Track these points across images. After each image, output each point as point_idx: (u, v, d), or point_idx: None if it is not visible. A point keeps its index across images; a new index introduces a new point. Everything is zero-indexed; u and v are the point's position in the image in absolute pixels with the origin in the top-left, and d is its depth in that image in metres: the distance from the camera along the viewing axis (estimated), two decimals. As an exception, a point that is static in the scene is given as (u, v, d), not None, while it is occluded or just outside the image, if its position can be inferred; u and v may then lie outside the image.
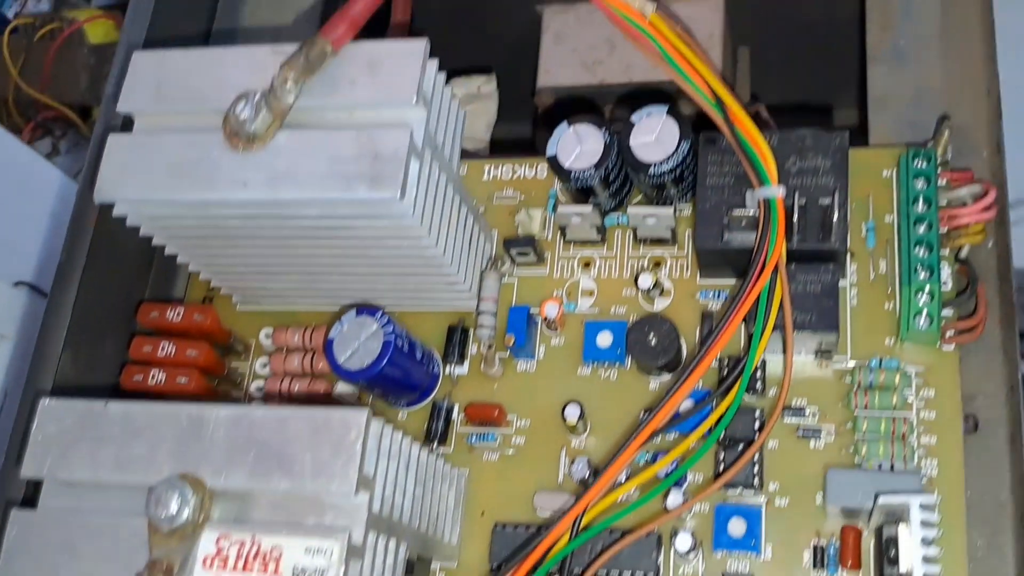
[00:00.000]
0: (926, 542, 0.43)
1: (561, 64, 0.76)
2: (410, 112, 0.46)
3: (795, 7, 0.78)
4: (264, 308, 0.58)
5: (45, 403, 0.44)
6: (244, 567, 0.39)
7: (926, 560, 0.42)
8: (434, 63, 0.48)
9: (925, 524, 0.43)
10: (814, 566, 0.48)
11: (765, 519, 0.49)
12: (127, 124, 0.51)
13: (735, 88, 0.83)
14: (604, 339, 0.53)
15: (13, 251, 0.98)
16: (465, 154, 0.59)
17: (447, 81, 0.50)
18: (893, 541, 0.44)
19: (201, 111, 0.48)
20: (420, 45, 0.47)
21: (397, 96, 0.46)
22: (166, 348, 0.54)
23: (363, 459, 0.40)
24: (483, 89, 0.76)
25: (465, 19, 0.82)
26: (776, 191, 0.48)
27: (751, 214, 0.49)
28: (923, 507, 0.43)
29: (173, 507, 0.40)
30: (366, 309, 0.51)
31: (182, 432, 0.42)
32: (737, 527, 0.48)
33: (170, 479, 0.40)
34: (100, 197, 0.48)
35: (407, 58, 0.46)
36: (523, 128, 0.89)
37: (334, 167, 0.45)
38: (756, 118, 0.69)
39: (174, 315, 0.55)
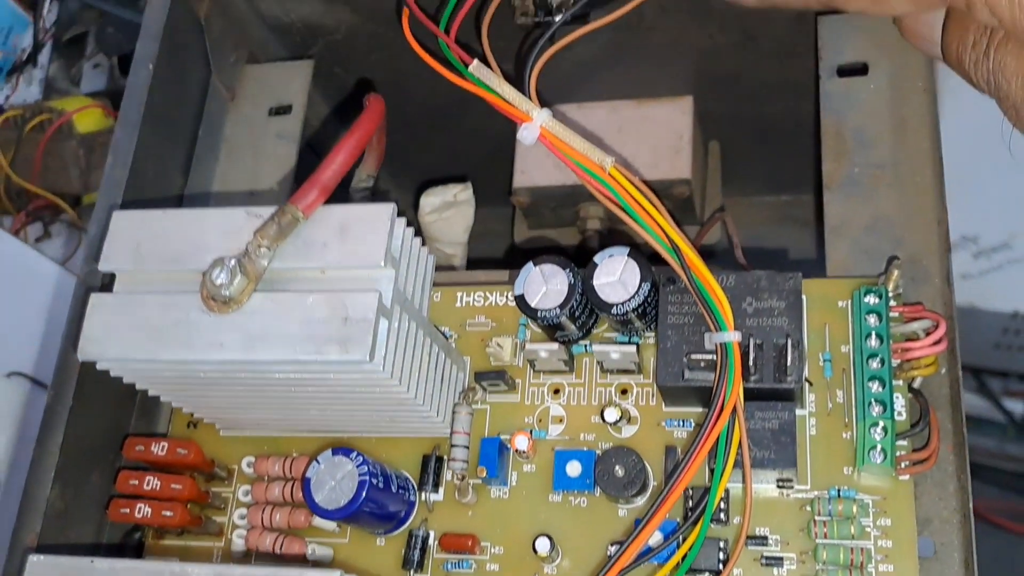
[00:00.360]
0: None
1: (536, 165, 0.78)
2: (379, 273, 0.49)
3: (759, 105, 0.80)
4: (246, 434, 0.60)
5: (33, 559, 0.46)
6: None
7: None
8: (402, 222, 0.51)
9: None
10: None
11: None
12: (106, 286, 0.53)
13: (707, 182, 0.86)
14: (573, 468, 0.55)
15: (6, 342, 1.00)
16: (439, 275, 0.62)
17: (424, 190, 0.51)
18: None
19: (179, 271, 0.50)
20: (388, 209, 0.49)
21: (366, 259, 0.48)
22: (151, 483, 0.56)
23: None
24: (459, 196, 0.78)
25: (441, 123, 0.85)
26: (732, 336, 0.50)
27: (709, 358, 0.51)
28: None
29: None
30: (341, 449, 0.53)
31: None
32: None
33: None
34: (83, 356, 0.50)
35: (375, 222, 0.49)
36: (503, 223, 0.92)
37: (306, 330, 0.47)
38: (723, 222, 0.72)
39: (158, 449, 0.57)
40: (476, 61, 0.53)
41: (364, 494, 0.52)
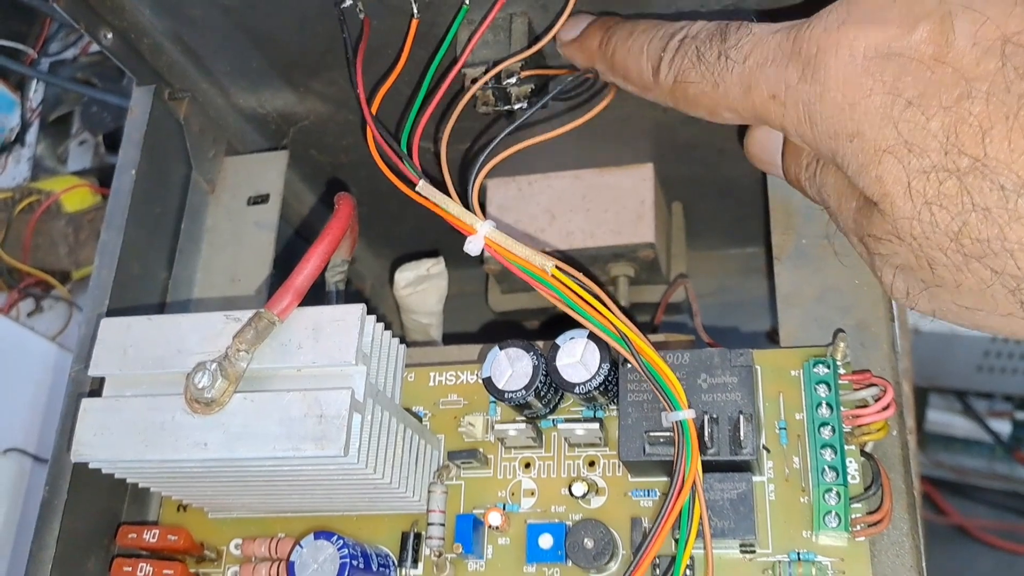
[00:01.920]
0: None
1: (506, 233, 0.81)
2: (351, 370, 0.51)
3: (718, 168, 0.83)
4: (234, 516, 0.63)
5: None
6: None
7: None
8: (371, 320, 0.54)
9: None
10: None
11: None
12: (95, 392, 0.56)
13: (671, 242, 0.90)
14: (545, 541, 0.58)
15: (2, 420, 1.03)
16: (413, 352, 0.65)
17: (399, 266, 0.54)
18: None
19: (164, 374, 0.53)
20: (357, 310, 0.52)
21: (338, 358, 0.51)
22: (144, 569, 0.59)
23: None
24: (432, 270, 0.81)
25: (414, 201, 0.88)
26: (686, 414, 0.53)
27: (668, 434, 0.54)
28: None
29: None
30: (323, 533, 0.56)
31: None
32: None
33: None
34: (76, 458, 0.53)
35: (346, 322, 0.52)
36: (478, 285, 0.95)
37: (284, 428, 0.50)
38: (684, 288, 0.75)
39: (150, 536, 0.60)
40: (422, 182, 0.57)
41: (347, 573, 0.54)
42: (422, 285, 0.81)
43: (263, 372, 0.52)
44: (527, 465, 0.61)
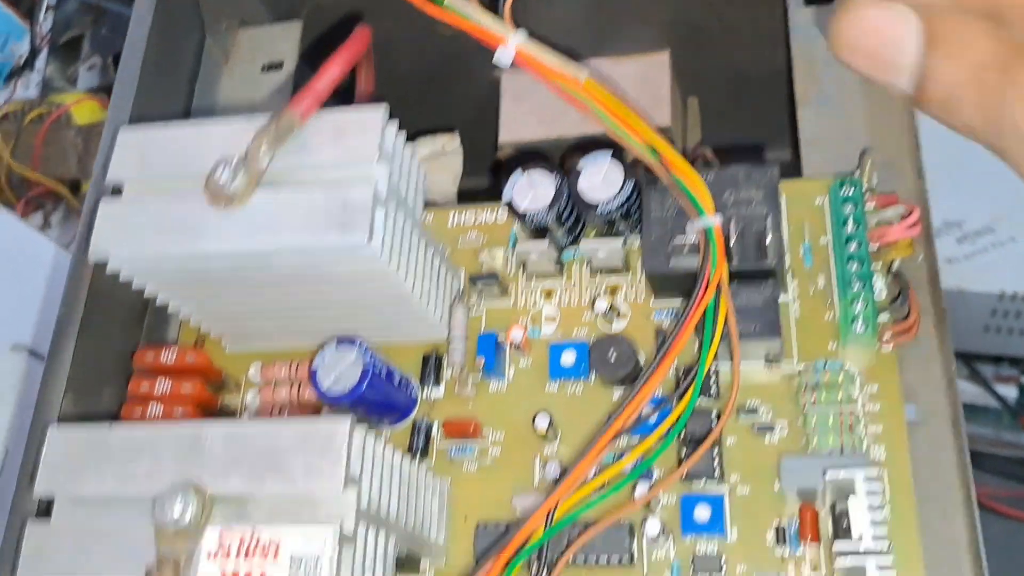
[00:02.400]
0: (872, 508, 0.47)
1: (520, 122, 0.81)
2: (373, 169, 0.51)
3: (730, 59, 0.83)
4: (251, 349, 0.62)
5: (53, 430, 0.48)
6: (246, 557, 0.43)
7: (874, 523, 0.46)
8: (394, 124, 0.53)
9: (871, 493, 0.47)
10: (777, 543, 0.52)
11: (729, 505, 0.53)
12: (116, 192, 0.55)
13: (687, 134, 0.89)
14: (568, 358, 0.58)
15: (9, 317, 1.02)
16: (432, 205, 0.65)
17: (414, 141, 0.54)
18: (844, 514, 0.48)
19: (184, 177, 0.52)
20: (380, 110, 0.52)
21: (361, 155, 0.51)
22: (162, 385, 0.58)
23: (349, 459, 0.44)
24: (447, 147, 0.81)
25: (430, 84, 0.88)
26: (713, 220, 0.53)
27: (692, 241, 0.54)
28: (867, 479, 0.47)
29: (176, 511, 0.44)
30: (346, 339, 0.55)
31: (181, 448, 0.46)
32: (703, 513, 0.53)
33: (173, 487, 0.44)
34: (94, 256, 0.53)
35: (368, 122, 0.52)
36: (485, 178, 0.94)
37: (307, 219, 0.50)
38: (703, 158, 0.75)
39: (168, 357, 0.59)
40: (448, -4, 0.56)
41: (368, 378, 0.54)
42: (437, 161, 0.80)
43: (285, 173, 0.52)
44: (548, 294, 0.61)
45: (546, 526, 0.50)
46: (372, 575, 0.46)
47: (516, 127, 0.81)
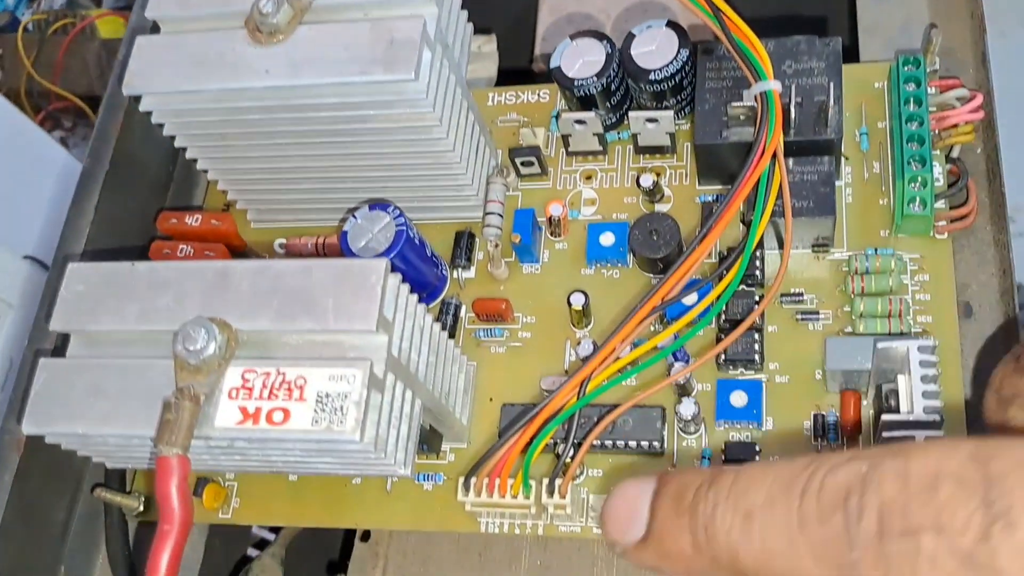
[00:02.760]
0: (926, 380, 0.44)
1: (557, 33, 0.79)
2: (422, 7, 0.49)
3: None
4: (277, 224, 0.60)
5: (73, 266, 0.46)
6: (269, 396, 0.41)
7: (926, 396, 0.43)
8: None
9: (924, 364, 0.44)
10: (814, 436, 0.49)
11: (766, 394, 0.50)
12: (155, 30, 0.53)
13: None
14: (607, 239, 0.55)
15: (21, 226, 1.00)
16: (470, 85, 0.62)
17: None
18: (893, 392, 0.46)
19: (224, 15, 0.50)
20: None
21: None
22: (184, 250, 0.56)
23: (383, 302, 0.42)
24: (484, 48, 0.78)
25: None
26: (773, 84, 0.50)
27: (750, 104, 0.51)
28: (921, 349, 0.44)
29: (200, 342, 0.41)
30: (379, 204, 0.53)
31: (208, 285, 0.44)
32: (738, 399, 0.50)
33: (198, 318, 0.42)
34: (128, 90, 0.50)
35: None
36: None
37: (351, 53, 0.47)
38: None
39: (192, 221, 0.57)
40: None
41: (402, 242, 0.51)
42: (473, 64, 0.78)
43: (330, 9, 0.49)
44: (589, 177, 0.58)
45: (578, 397, 0.48)
46: (397, 433, 0.44)
47: (553, 39, 0.79)
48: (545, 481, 0.48)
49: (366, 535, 0.57)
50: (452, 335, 0.55)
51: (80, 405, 0.43)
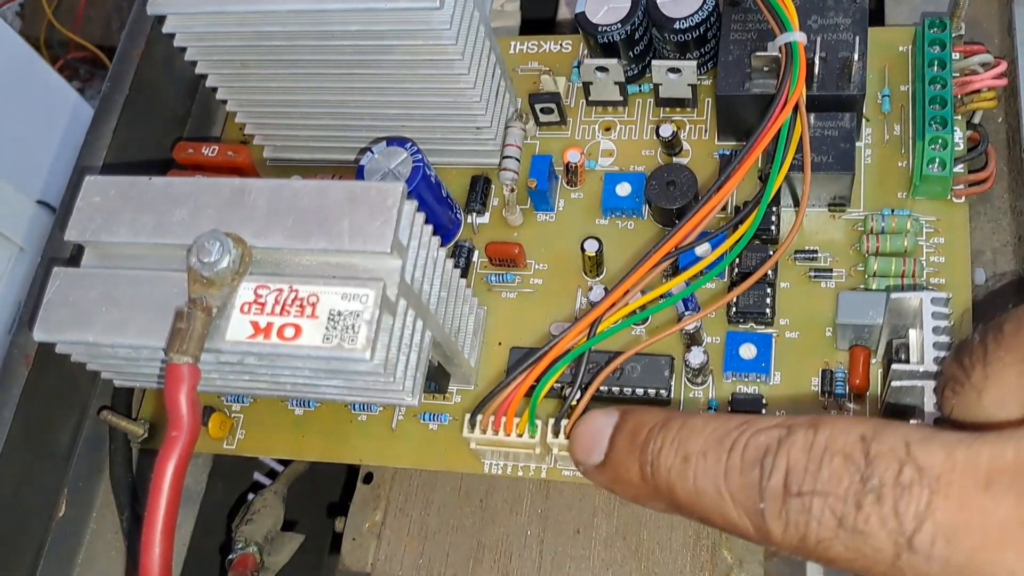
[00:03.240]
0: (938, 331, 0.43)
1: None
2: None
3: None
4: (293, 159, 0.60)
5: (90, 178, 0.46)
6: (281, 312, 0.41)
7: (937, 347, 0.42)
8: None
9: (936, 316, 0.43)
10: (821, 392, 0.49)
11: (775, 348, 0.50)
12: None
13: None
14: (623, 189, 0.55)
15: (34, 170, 1.00)
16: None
17: None
18: (904, 347, 0.45)
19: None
20: None
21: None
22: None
23: (398, 225, 0.42)
24: (507, 7, 0.78)
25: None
26: (798, 35, 0.50)
27: (774, 55, 0.51)
28: (935, 301, 0.44)
29: (214, 255, 0.41)
30: (397, 140, 0.53)
31: (224, 201, 0.44)
32: (747, 351, 0.50)
33: (213, 231, 0.42)
34: (153, 9, 0.50)
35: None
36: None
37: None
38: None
39: (209, 152, 0.57)
40: None
41: (419, 178, 0.51)
42: (495, 22, 0.78)
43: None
44: (608, 128, 0.58)
45: (588, 337, 0.48)
46: (407, 360, 0.44)
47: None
48: (551, 422, 0.48)
49: (368, 477, 0.57)
50: (463, 278, 0.55)
51: (92, 314, 0.43)
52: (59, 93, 1.02)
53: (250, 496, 0.62)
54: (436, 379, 0.50)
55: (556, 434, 0.47)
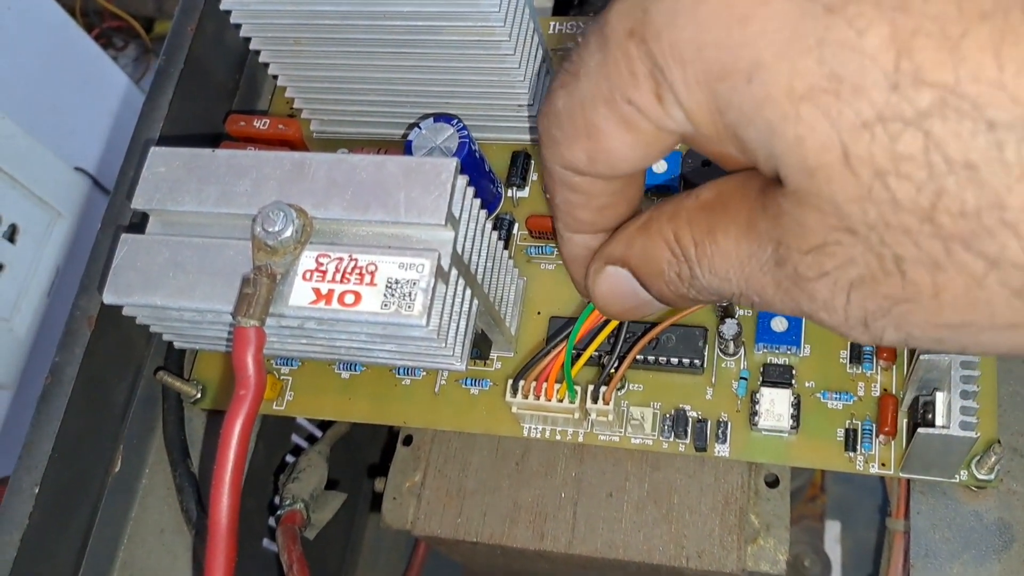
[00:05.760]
0: (966, 396, 0.45)
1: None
2: None
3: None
4: (339, 132, 0.62)
5: (155, 148, 0.48)
6: (342, 280, 0.43)
7: (964, 412, 0.44)
8: None
9: (966, 380, 0.45)
10: (850, 363, 0.51)
11: (805, 321, 0.52)
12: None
13: None
14: (660, 166, 0.57)
15: (72, 138, 1.02)
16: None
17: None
18: (930, 405, 0.47)
19: None
20: None
21: None
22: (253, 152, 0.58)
23: (452, 198, 0.44)
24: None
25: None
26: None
27: None
28: (964, 364, 0.45)
29: (278, 224, 0.43)
30: (444, 116, 0.55)
31: (285, 173, 0.46)
32: (779, 324, 0.52)
33: (276, 202, 0.44)
34: None
35: None
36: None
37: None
38: None
39: (260, 124, 0.59)
40: None
41: (464, 154, 0.53)
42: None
43: None
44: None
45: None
46: (456, 327, 0.46)
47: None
48: (591, 388, 0.50)
49: (408, 439, 0.59)
50: (504, 248, 0.57)
51: (159, 278, 0.45)
52: (97, 62, 1.04)
53: (290, 458, 0.65)
54: (479, 346, 0.53)
55: (595, 400, 0.50)
